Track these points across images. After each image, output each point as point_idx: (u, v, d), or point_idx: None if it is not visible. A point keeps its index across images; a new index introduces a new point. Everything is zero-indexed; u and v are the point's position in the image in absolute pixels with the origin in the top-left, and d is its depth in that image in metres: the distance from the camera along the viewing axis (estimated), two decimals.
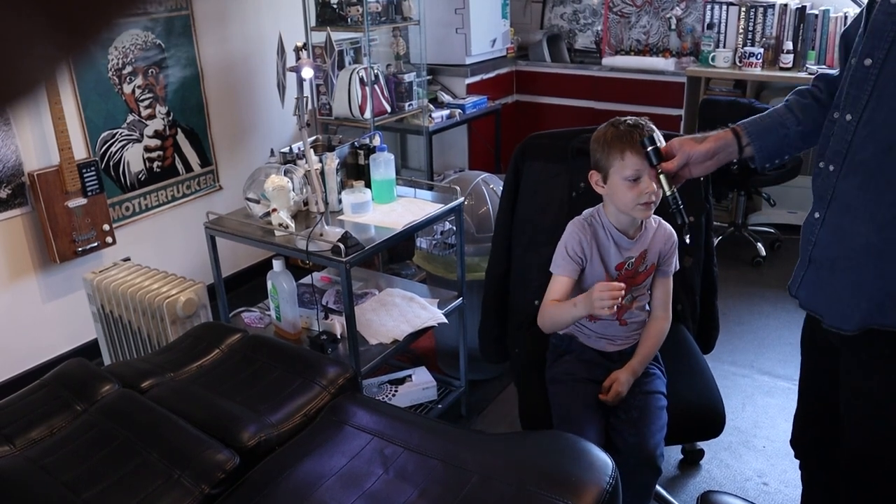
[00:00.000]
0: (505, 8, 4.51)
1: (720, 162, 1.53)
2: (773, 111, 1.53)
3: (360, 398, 1.68)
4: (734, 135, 1.51)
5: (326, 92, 3.70)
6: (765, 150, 1.50)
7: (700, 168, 1.55)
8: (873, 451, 1.42)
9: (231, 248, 3.25)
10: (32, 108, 2.74)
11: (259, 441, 1.48)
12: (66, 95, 2.84)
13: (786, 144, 1.50)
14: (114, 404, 1.60)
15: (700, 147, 1.52)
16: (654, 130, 1.61)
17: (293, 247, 2.17)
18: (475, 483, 1.34)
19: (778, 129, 1.49)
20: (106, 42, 2.97)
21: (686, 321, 2.13)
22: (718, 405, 1.84)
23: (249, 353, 1.80)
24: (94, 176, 2.89)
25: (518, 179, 2.17)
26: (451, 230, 2.70)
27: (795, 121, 1.48)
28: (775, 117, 1.51)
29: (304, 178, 2.33)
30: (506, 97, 4.76)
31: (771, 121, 1.51)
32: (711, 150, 1.52)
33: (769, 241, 4.03)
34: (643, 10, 4.65)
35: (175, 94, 3.30)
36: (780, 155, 1.52)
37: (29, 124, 2.76)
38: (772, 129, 1.49)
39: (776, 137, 1.49)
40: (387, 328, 2.36)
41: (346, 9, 3.44)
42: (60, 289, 2.99)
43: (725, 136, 1.52)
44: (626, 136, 1.62)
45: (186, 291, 2.33)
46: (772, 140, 1.49)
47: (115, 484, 1.37)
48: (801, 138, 1.49)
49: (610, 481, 1.32)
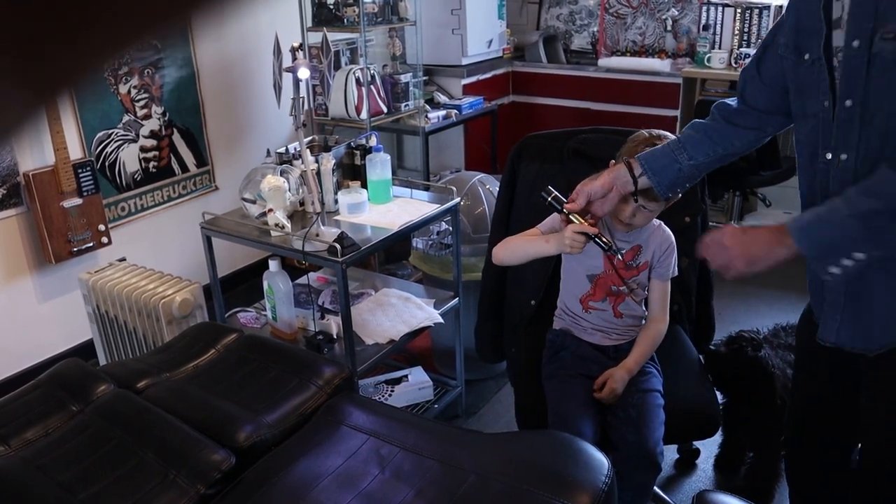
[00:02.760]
0: (501, 9, 4.51)
1: (619, 193, 1.64)
2: (667, 146, 1.63)
3: (357, 398, 1.68)
4: (626, 166, 1.61)
5: (323, 92, 3.70)
6: (663, 185, 1.61)
7: (606, 203, 1.66)
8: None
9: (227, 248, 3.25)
10: None
11: (255, 441, 1.48)
12: None
13: (681, 177, 1.60)
14: (109, 404, 1.60)
15: (596, 182, 1.64)
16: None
17: (289, 247, 2.17)
18: (471, 483, 1.34)
19: (672, 165, 1.59)
20: None
21: (682, 321, 2.13)
22: (714, 405, 1.85)
23: (245, 354, 1.80)
24: (90, 176, 2.88)
25: (514, 180, 2.17)
26: (447, 230, 2.70)
27: (687, 156, 1.59)
28: (668, 153, 1.61)
29: (301, 179, 2.33)
30: (502, 98, 4.76)
31: (665, 158, 1.61)
32: (607, 183, 1.63)
33: None
34: (639, 12, 4.66)
35: (171, 95, 3.29)
36: (679, 185, 1.63)
37: None
38: (666, 165, 1.60)
39: (671, 172, 1.59)
40: (383, 328, 2.36)
41: (343, 9, 3.44)
42: (56, 289, 2.98)
43: (617, 168, 1.64)
44: (639, 142, 1.69)
45: (182, 291, 2.33)
46: (668, 175, 1.60)
47: (111, 484, 1.37)
48: (696, 169, 1.60)
49: (606, 481, 1.33)
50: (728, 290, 3.52)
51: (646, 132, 1.74)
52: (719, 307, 2.36)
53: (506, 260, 1.85)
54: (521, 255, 1.81)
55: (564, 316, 1.90)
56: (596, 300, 1.82)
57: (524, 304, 2.12)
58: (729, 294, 3.49)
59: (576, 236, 1.62)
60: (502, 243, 1.84)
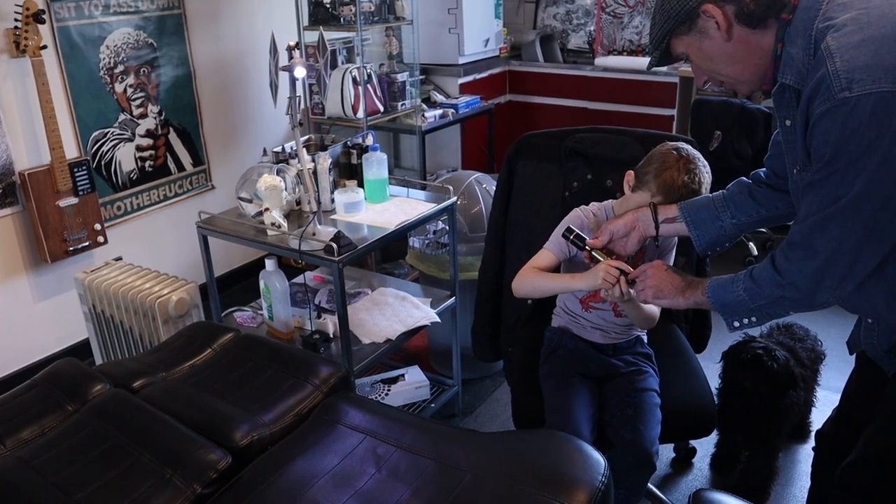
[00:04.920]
0: (498, 8, 4.51)
1: (641, 235, 1.65)
2: (710, 200, 1.62)
3: (353, 397, 1.68)
4: (651, 209, 1.63)
5: (319, 91, 3.69)
6: (703, 241, 1.61)
7: (628, 243, 1.67)
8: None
9: (223, 247, 3.25)
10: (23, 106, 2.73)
11: (251, 440, 1.48)
12: (58, 94, 2.82)
13: (723, 236, 1.61)
14: (105, 404, 1.60)
15: (619, 221, 1.66)
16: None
17: (286, 246, 2.17)
18: (468, 482, 1.34)
19: (714, 222, 1.60)
20: (97, 41, 2.96)
21: (679, 321, 2.13)
22: (710, 404, 1.85)
23: (242, 353, 1.80)
24: (86, 175, 2.88)
25: (511, 179, 2.17)
26: (443, 229, 2.70)
27: (730, 214, 1.59)
28: (711, 208, 1.60)
29: (297, 178, 2.33)
30: (499, 97, 4.76)
31: (707, 212, 1.60)
32: (630, 223, 1.65)
33: (761, 240, 4.04)
34: (636, 11, 4.66)
35: (167, 93, 3.29)
36: (720, 244, 1.63)
37: (20, 123, 2.74)
38: (708, 221, 1.60)
39: (713, 229, 1.60)
40: (380, 327, 2.36)
41: (339, 8, 3.44)
42: (51, 288, 2.97)
43: (642, 210, 1.65)
44: (678, 194, 1.64)
45: (178, 291, 2.32)
46: (710, 231, 1.60)
47: (107, 484, 1.36)
48: (737, 229, 1.61)
49: (602, 479, 1.33)
50: None
51: (674, 150, 1.67)
52: None
53: (529, 295, 1.86)
54: (545, 291, 1.81)
55: (563, 314, 1.90)
56: (597, 301, 1.82)
57: (521, 303, 2.12)
58: None
59: (612, 270, 1.59)
60: (521, 277, 1.80)
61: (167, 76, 3.27)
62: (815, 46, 1.18)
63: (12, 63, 2.68)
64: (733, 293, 1.41)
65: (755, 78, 1.33)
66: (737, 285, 1.41)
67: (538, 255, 1.81)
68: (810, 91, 1.18)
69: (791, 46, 1.23)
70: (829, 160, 1.16)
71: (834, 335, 2.79)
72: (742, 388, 2.09)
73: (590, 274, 1.64)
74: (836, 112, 1.12)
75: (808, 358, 2.30)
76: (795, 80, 1.23)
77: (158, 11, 3.18)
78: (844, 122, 1.11)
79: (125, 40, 3.07)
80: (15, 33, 2.62)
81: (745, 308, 1.39)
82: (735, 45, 1.29)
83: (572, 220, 1.78)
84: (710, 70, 1.36)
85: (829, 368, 2.46)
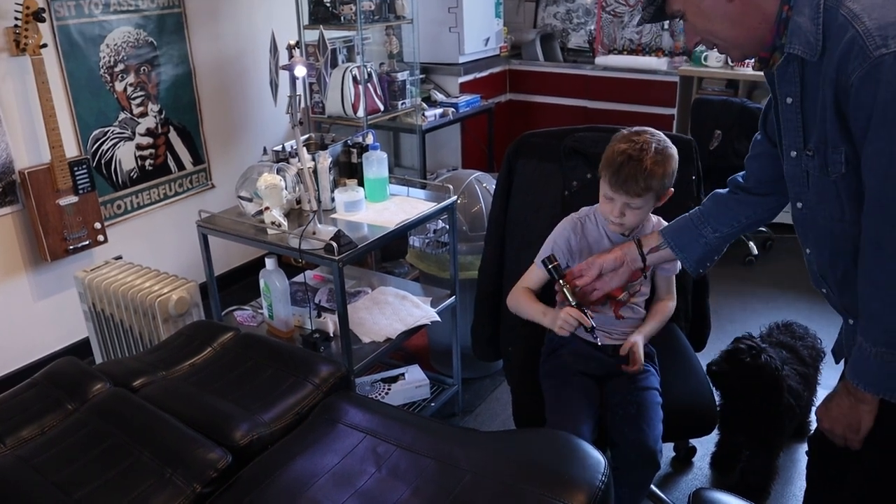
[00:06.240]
0: (498, 7, 4.51)
1: (630, 269, 1.68)
2: (689, 220, 1.64)
3: (353, 396, 1.68)
4: (636, 245, 1.67)
5: (319, 90, 3.69)
6: (691, 261, 1.62)
7: (615, 278, 1.69)
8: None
9: (223, 246, 3.25)
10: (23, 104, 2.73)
11: (251, 439, 1.48)
12: (58, 93, 2.82)
13: (709, 251, 1.62)
14: (105, 403, 1.60)
15: (608, 256, 1.68)
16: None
17: (286, 245, 2.17)
18: (468, 481, 1.34)
19: (697, 240, 1.61)
20: (97, 39, 2.96)
21: (678, 320, 2.13)
22: (710, 403, 1.85)
23: (242, 352, 1.80)
24: (86, 174, 2.88)
25: (511, 178, 2.17)
26: (443, 229, 2.70)
27: (711, 229, 1.60)
28: (691, 227, 1.62)
29: (297, 177, 2.33)
30: (499, 96, 4.76)
31: (689, 233, 1.62)
32: (619, 258, 1.67)
33: (761, 240, 4.04)
34: (636, 10, 4.66)
35: (167, 92, 3.28)
36: (709, 259, 1.64)
37: (20, 122, 2.74)
38: (692, 240, 1.61)
39: (698, 247, 1.61)
40: (380, 326, 2.35)
41: (340, 7, 3.44)
42: (51, 287, 2.97)
43: (628, 245, 1.69)
44: (619, 166, 1.66)
45: (178, 290, 2.32)
46: (695, 250, 1.62)
47: (107, 483, 1.36)
48: (723, 241, 1.61)
49: (602, 479, 1.33)
50: (723, 289, 3.52)
51: (625, 130, 1.73)
52: (715, 306, 2.36)
53: (517, 314, 1.91)
54: (523, 314, 1.87)
55: None
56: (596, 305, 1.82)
57: None
58: (724, 293, 3.50)
59: (569, 319, 1.65)
60: (511, 297, 1.89)
61: (167, 75, 3.27)
62: (825, 14, 1.16)
63: (12, 61, 2.68)
64: (869, 359, 1.23)
65: (752, 43, 1.29)
66: (864, 349, 1.23)
67: (529, 272, 1.87)
68: (839, 58, 1.14)
69: (798, 15, 1.20)
70: (887, 121, 1.10)
71: (833, 334, 2.79)
72: (731, 391, 2.10)
73: (553, 314, 1.72)
74: (876, 72, 1.10)
75: (809, 356, 2.30)
76: (804, 51, 1.19)
77: (158, 10, 3.18)
78: (890, 78, 1.09)
79: (125, 39, 3.07)
80: (15, 32, 2.61)
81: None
82: (737, 5, 1.25)
83: (560, 234, 1.83)
84: (705, 31, 1.30)
85: (829, 368, 2.46)
